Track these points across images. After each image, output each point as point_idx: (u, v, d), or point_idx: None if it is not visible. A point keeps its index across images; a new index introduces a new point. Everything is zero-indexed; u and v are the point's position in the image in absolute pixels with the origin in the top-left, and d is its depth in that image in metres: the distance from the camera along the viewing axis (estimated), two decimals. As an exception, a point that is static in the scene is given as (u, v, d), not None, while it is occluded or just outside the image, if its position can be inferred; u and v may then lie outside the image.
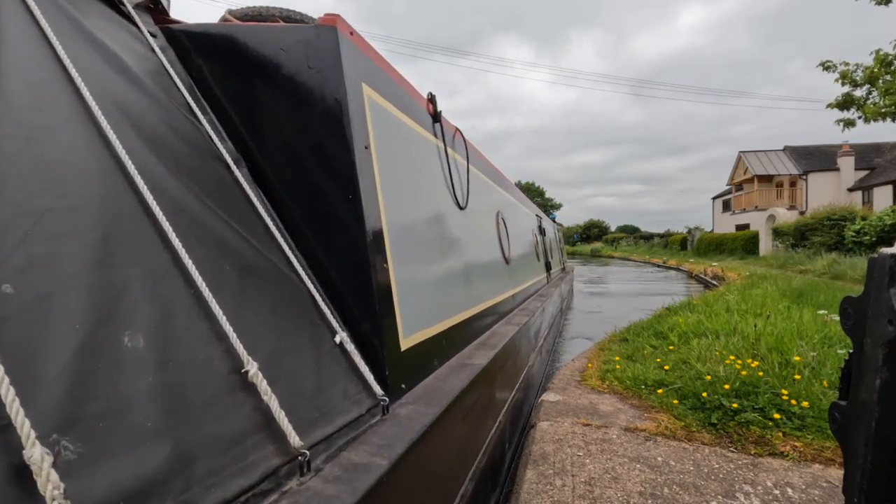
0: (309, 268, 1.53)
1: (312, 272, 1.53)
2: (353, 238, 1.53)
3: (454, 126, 3.03)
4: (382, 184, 1.69)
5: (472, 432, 2.01)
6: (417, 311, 1.82)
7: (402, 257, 1.75)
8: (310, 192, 1.59)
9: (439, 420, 1.47)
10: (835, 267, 13.97)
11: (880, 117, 10.68)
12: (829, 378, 3.62)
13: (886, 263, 0.74)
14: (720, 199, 34.73)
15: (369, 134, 1.66)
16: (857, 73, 10.79)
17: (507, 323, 3.39)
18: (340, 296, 1.53)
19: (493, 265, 3.58)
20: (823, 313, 6.14)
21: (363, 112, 1.64)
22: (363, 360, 1.45)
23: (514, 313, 3.94)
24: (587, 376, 4.35)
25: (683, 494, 2.35)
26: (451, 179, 2.70)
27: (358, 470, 1.10)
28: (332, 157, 1.55)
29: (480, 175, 3.73)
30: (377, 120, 1.76)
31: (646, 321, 6.94)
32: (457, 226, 2.68)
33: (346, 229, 1.54)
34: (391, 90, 2.00)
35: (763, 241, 24.00)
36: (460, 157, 3.04)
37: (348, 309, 1.52)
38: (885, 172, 24.50)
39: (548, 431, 3.14)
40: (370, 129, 1.67)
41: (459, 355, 2.26)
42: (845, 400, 0.84)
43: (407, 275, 1.78)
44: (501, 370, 2.58)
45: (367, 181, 1.57)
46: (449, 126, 2.90)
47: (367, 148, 1.61)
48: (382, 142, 1.77)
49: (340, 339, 1.42)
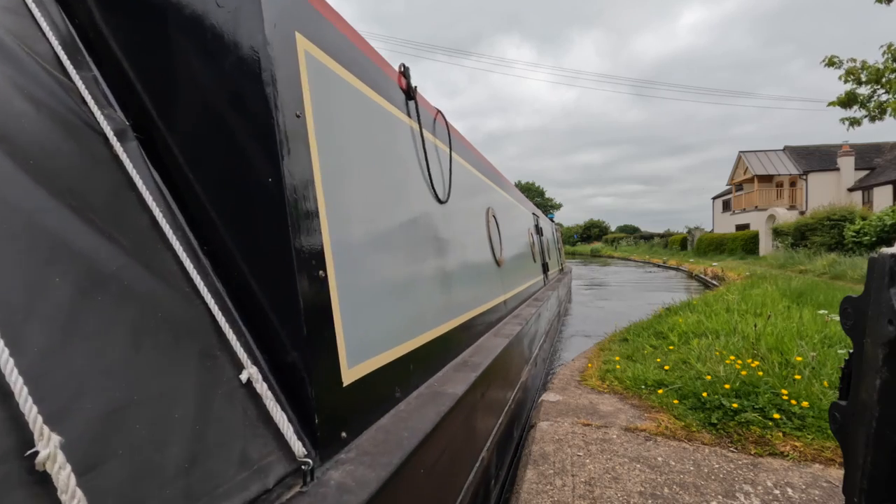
0: (217, 277, 1.16)
1: (222, 283, 1.16)
2: (274, 236, 1.14)
3: (435, 108, 2.66)
4: (323, 165, 1.32)
5: (443, 485, 1.59)
6: (372, 330, 1.47)
7: (349, 262, 1.39)
8: (220, 174, 1.20)
9: (389, 486, 1.10)
10: (835, 267, 13.98)
11: (893, 114, 10.64)
12: (830, 378, 3.63)
13: (886, 263, 0.74)
14: (720, 199, 34.75)
15: (304, 99, 1.28)
16: (863, 72, 10.78)
17: (497, 334, 3.00)
18: (258, 315, 1.15)
19: (481, 268, 3.21)
20: (823, 313, 6.14)
21: (294, 68, 1.26)
22: (281, 403, 1.07)
23: (506, 322, 3.57)
24: (587, 376, 4.35)
25: (683, 494, 2.35)
26: (429, 168, 2.29)
27: None
28: (248, 125, 1.17)
29: (467, 166, 3.35)
30: (318, 82, 1.38)
31: (646, 321, 6.94)
32: (435, 223, 2.31)
33: (266, 224, 1.15)
34: (343, 49, 1.60)
35: (763, 241, 24.00)
36: (442, 144, 2.66)
37: (268, 333, 1.14)
38: (885, 172, 24.51)
39: (548, 431, 3.14)
40: (306, 92, 1.30)
41: (432, 381, 1.87)
42: (845, 400, 0.84)
43: (357, 284, 1.41)
44: (485, 396, 2.22)
45: (296, 160, 1.20)
46: (428, 107, 2.54)
47: (300, 117, 1.24)
48: (326, 112, 1.39)
49: (248, 377, 1.04)
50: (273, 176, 1.14)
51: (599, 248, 51.73)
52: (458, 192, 2.84)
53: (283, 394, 1.10)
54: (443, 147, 2.66)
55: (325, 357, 1.20)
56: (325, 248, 1.27)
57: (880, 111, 10.95)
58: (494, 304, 3.35)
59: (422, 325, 1.88)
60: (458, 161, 3.01)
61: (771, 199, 27.82)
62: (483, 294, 3.08)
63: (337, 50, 1.54)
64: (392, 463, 1.16)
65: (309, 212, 1.22)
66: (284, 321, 1.13)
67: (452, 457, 1.68)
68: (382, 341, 1.52)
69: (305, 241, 1.19)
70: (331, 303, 1.25)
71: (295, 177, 1.18)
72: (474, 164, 3.61)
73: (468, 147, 3.55)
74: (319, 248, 1.24)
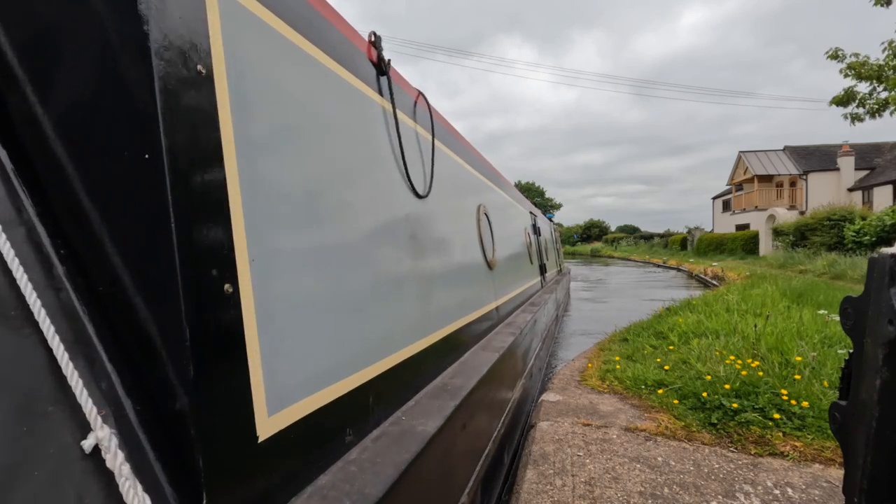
0: (76, 291, 0.83)
1: (82, 300, 0.82)
2: (151, 234, 0.82)
3: (416, 89, 2.35)
4: (240, 141, 1.00)
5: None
6: (311, 359, 1.14)
7: (278, 270, 1.06)
8: (84, 147, 0.86)
9: None
10: (835, 267, 13.99)
11: None
12: (830, 378, 3.63)
13: (886, 263, 0.74)
14: (720, 199, 34.76)
15: (212, 51, 0.96)
16: (864, 67, 10.84)
17: (486, 347, 2.66)
18: (129, 346, 0.83)
19: (468, 272, 2.87)
20: (823, 313, 6.15)
21: (198, 8, 0.96)
22: (148, 481, 0.73)
23: (497, 331, 3.23)
24: (587, 376, 4.36)
25: (683, 494, 2.35)
26: (404, 156, 1.96)
27: None
28: (118, 79, 0.84)
29: (455, 158, 3.01)
30: (239, 33, 1.06)
31: (646, 321, 6.95)
32: (411, 220, 1.99)
33: (140, 217, 0.83)
34: (287, 1, 1.29)
35: (763, 241, 24.01)
36: (424, 131, 2.34)
37: (140, 373, 0.82)
38: (885, 172, 24.51)
39: (548, 431, 3.14)
40: (216, 42, 0.98)
41: (399, 415, 1.52)
42: (845, 400, 0.84)
43: (288, 300, 1.09)
44: (467, 428, 1.85)
45: (191, 129, 0.87)
46: (406, 86, 2.21)
47: (204, 73, 0.92)
48: (251, 73, 1.08)
49: (95, 443, 0.70)
50: (150, 149, 0.81)
51: (599, 249, 51.76)
52: (443, 187, 2.52)
53: (159, 463, 0.76)
54: (424, 134, 2.34)
55: (228, 404, 0.87)
56: (235, 252, 0.93)
57: (880, 107, 11.03)
58: (484, 311, 3.04)
59: (388, 345, 1.57)
60: (444, 152, 2.68)
61: (771, 199, 27.83)
62: (470, 301, 2.76)
63: (275, 0, 1.23)
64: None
65: (210, 201, 0.89)
66: (166, 355, 0.80)
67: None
68: (328, 372, 1.20)
69: (202, 242, 0.86)
70: (242, 327, 0.92)
71: (187, 152, 0.85)
72: (464, 157, 3.27)
73: (457, 137, 3.20)
74: (226, 251, 0.91)
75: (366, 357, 1.41)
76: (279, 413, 0.99)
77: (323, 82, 1.45)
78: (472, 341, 2.62)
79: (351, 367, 1.31)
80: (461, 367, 2.19)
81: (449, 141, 2.87)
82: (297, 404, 1.05)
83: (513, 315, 4.01)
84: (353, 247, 1.46)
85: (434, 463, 1.45)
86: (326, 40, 1.48)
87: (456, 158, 3.02)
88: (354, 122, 1.62)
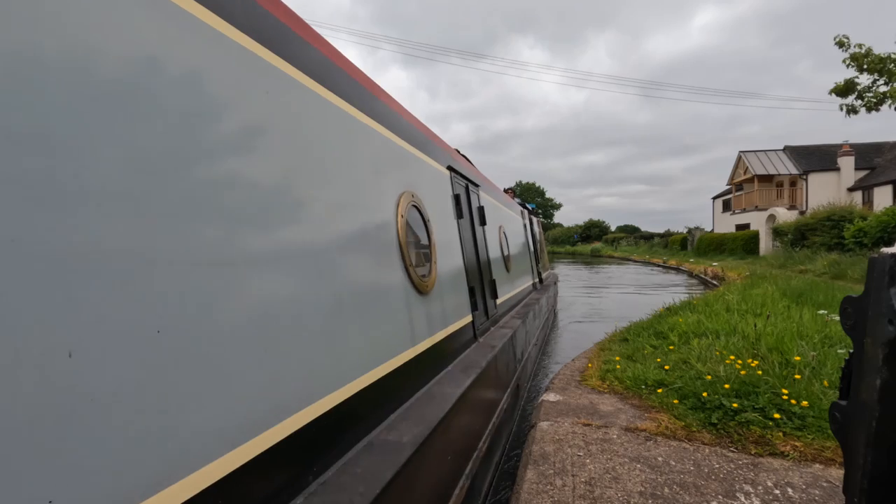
0: None
1: None
2: None
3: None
4: None
5: None
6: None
7: None
8: None
9: None
10: (835, 267, 13.98)
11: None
12: (830, 378, 3.63)
13: (886, 263, 0.74)
14: (720, 199, 34.74)
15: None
16: (867, 59, 10.94)
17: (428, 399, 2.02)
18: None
19: (379, 302, 1.93)
20: (823, 313, 6.15)
21: None
22: None
23: (441, 378, 2.37)
24: (587, 376, 4.35)
25: (684, 494, 2.35)
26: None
27: None
28: None
29: (375, 126, 2.17)
30: None
31: (646, 321, 6.94)
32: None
33: None
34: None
35: (763, 241, 24.00)
36: (331, 94, 1.80)
37: None
38: (885, 172, 24.51)
39: (548, 431, 3.14)
40: None
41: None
42: (845, 400, 0.84)
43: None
44: None
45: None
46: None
47: None
48: None
49: None
50: None
51: (600, 248, 51.74)
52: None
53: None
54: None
55: None
56: None
57: (878, 101, 11.12)
58: (413, 354, 2.13)
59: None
60: (354, 115, 1.95)
61: (771, 198, 27.81)
62: (399, 340, 2.00)
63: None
64: None
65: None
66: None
67: None
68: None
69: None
70: None
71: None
72: (388, 124, 2.35)
73: (383, 100, 2.37)
74: None
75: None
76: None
77: None
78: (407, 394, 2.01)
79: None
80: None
81: (366, 102, 2.12)
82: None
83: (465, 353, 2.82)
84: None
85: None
86: None
87: (376, 127, 2.19)
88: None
